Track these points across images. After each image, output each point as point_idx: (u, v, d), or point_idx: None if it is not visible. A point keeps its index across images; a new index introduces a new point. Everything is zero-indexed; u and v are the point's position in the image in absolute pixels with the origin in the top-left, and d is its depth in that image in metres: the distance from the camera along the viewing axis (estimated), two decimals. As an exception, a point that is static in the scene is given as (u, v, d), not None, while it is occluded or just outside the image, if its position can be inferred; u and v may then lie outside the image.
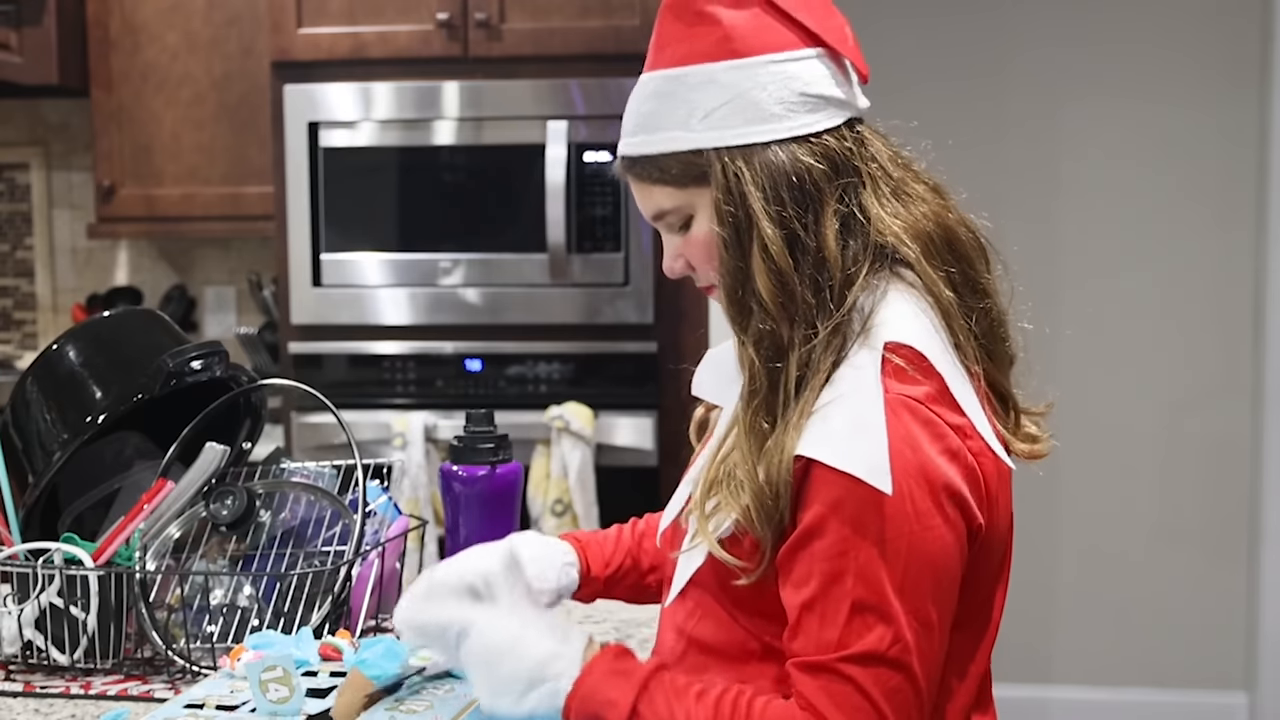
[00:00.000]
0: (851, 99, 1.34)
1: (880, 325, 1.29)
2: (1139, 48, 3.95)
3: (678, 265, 1.39)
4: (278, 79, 3.46)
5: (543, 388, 3.39)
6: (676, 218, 1.35)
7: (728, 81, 1.30)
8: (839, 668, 1.22)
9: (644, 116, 1.34)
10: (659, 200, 1.35)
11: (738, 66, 1.30)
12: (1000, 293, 1.38)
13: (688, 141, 1.31)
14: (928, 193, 1.37)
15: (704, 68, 1.31)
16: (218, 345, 1.74)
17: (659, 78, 1.33)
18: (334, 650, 1.42)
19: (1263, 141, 3.85)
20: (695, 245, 1.35)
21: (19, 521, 1.69)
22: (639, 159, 1.35)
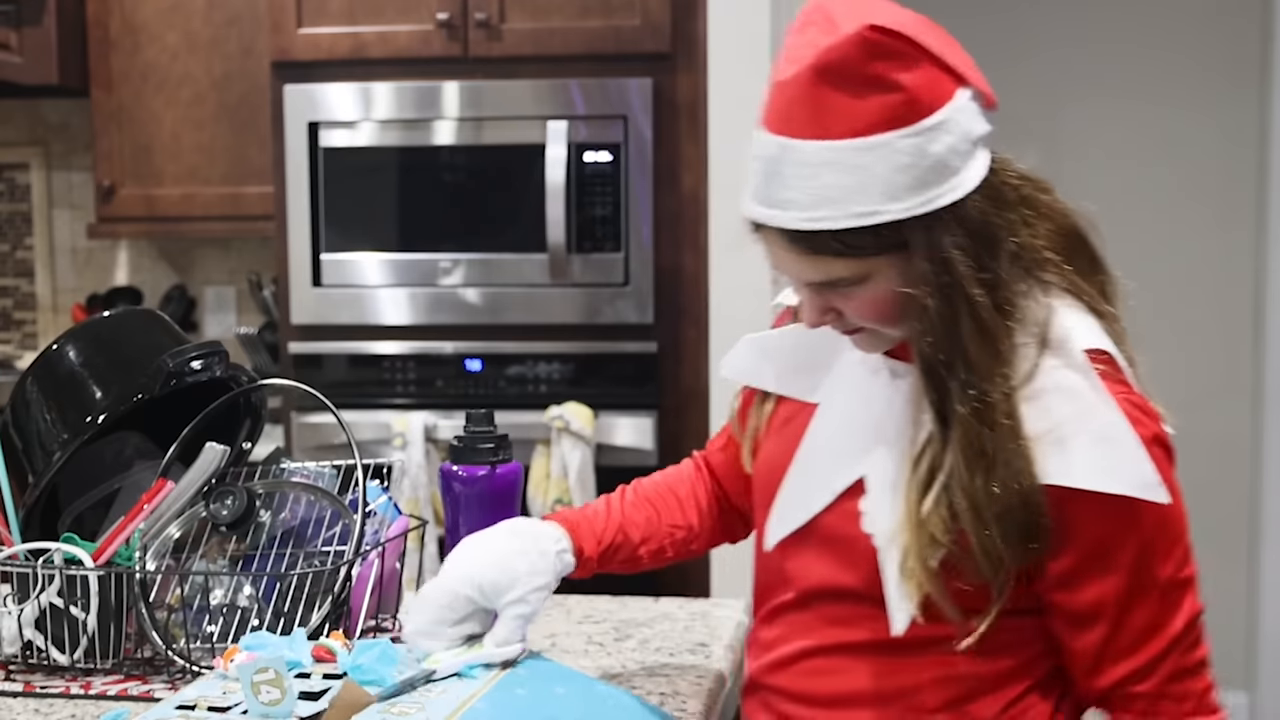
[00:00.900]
0: (991, 128, 1.32)
1: (1066, 337, 1.32)
2: (1139, 49, 3.95)
3: (827, 319, 1.38)
4: (278, 79, 3.46)
5: (543, 388, 3.39)
6: (848, 283, 1.32)
7: (911, 148, 1.26)
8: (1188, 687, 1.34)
9: (823, 190, 1.27)
10: (833, 270, 1.31)
11: (919, 130, 1.26)
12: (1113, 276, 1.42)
13: (884, 215, 1.26)
14: (1045, 195, 1.38)
15: (885, 137, 1.26)
16: (218, 345, 1.74)
17: (835, 149, 1.26)
18: (327, 652, 1.41)
19: (1263, 142, 3.85)
20: (866, 303, 1.33)
21: (19, 521, 1.69)
22: (818, 234, 1.28)
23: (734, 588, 3.25)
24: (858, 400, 1.44)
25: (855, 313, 1.35)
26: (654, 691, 1.56)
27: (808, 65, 1.28)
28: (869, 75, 1.25)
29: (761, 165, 1.32)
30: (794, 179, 1.28)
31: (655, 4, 3.31)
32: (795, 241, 1.31)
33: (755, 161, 1.34)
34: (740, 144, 3.53)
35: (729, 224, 3.29)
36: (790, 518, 1.48)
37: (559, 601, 1.92)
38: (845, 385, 1.47)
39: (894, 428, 1.39)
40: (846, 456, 1.44)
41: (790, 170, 1.29)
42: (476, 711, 1.29)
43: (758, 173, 1.33)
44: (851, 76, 1.26)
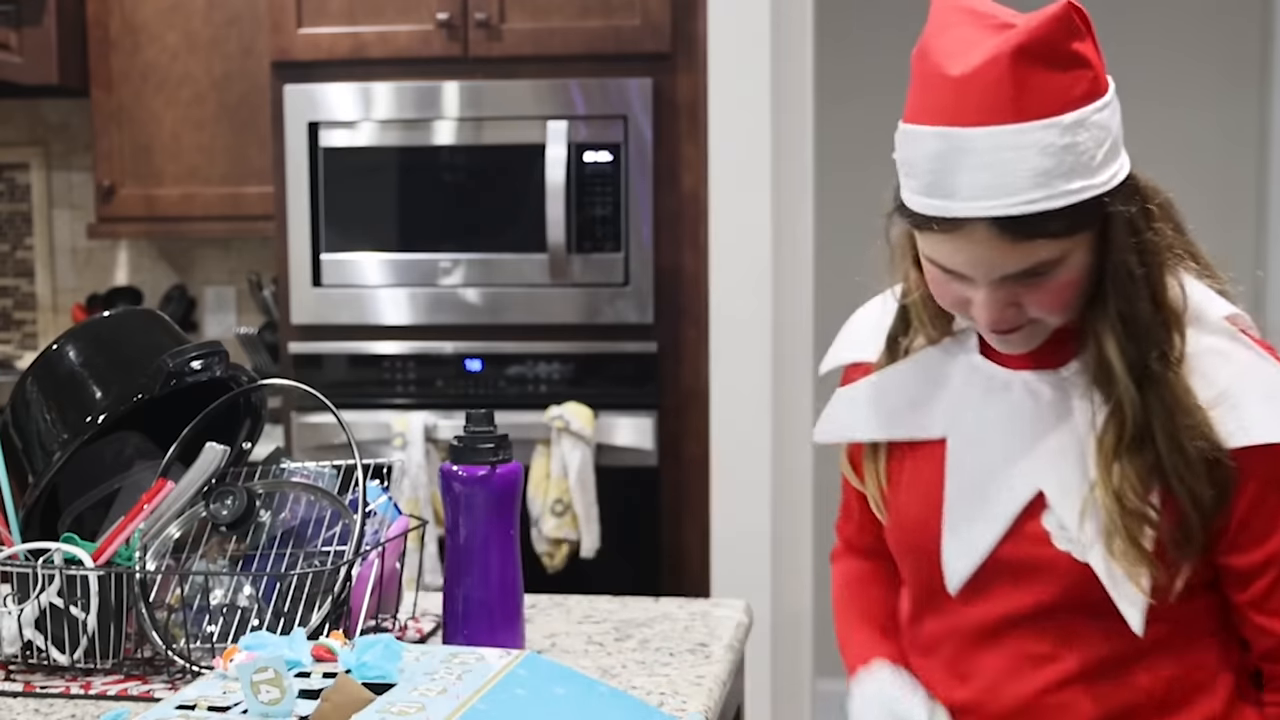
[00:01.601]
0: None
1: (1202, 308, 1.38)
2: (1139, 48, 3.95)
3: (1010, 314, 1.37)
4: (278, 79, 3.46)
5: (543, 388, 3.39)
6: (1050, 267, 1.33)
7: (1104, 121, 1.31)
8: None
9: (1038, 170, 1.28)
10: (1039, 254, 1.31)
11: (1107, 103, 1.33)
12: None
13: (1094, 189, 1.30)
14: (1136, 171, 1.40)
15: (1084, 112, 1.30)
16: (218, 345, 1.74)
17: (1037, 130, 1.28)
18: (327, 652, 1.41)
19: (1263, 141, 3.86)
20: (1056, 291, 1.34)
21: (19, 521, 1.69)
22: (1033, 217, 1.29)
23: (734, 588, 3.25)
24: (997, 421, 1.44)
25: (1041, 302, 1.35)
26: (654, 691, 1.56)
27: (1008, 49, 1.26)
28: (1069, 53, 1.28)
29: (940, 161, 1.31)
30: (1001, 165, 1.27)
31: (655, 4, 3.31)
32: (1006, 230, 1.29)
33: (924, 160, 1.33)
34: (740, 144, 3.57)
35: (729, 224, 3.29)
36: (969, 555, 1.46)
37: (559, 602, 1.92)
38: (970, 413, 1.47)
39: (1053, 436, 1.40)
40: (1010, 478, 1.43)
41: (993, 157, 1.28)
42: (476, 712, 1.29)
43: (934, 170, 1.32)
44: (1054, 55, 1.27)
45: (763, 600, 3.29)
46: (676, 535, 3.39)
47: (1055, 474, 1.40)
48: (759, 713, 3.35)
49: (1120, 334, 1.34)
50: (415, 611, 1.84)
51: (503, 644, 1.58)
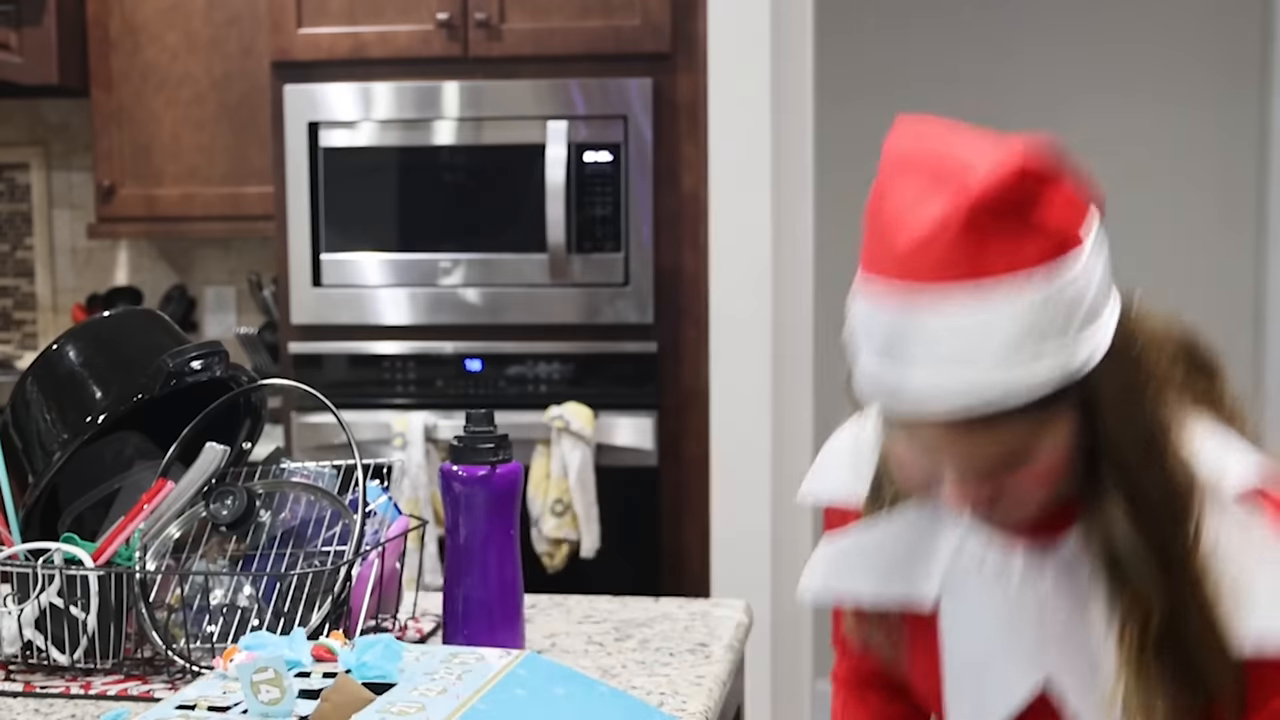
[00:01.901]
0: None
1: (1217, 483, 1.21)
2: (1139, 47, 3.95)
3: (983, 502, 1.20)
4: (278, 79, 3.46)
5: (543, 388, 3.39)
6: (1020, 456, 1.16)
7: (1079, 280, 1.12)
8: None
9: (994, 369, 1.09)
10: (1008, 441, 1.14)
11: (1078, 256, 1.12)
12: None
13: (1078, 358, 1.12)
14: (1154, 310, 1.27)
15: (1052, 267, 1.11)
16: (218, 345, 1.74)
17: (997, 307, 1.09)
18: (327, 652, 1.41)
19: (1263, 141, 3.86)
20: (1035, 476, 1.17)
21: (19, 521, 1.69)
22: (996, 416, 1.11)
23: (734, 588, 3.25)
24: (994, 603, 1.31)
25: (1022, 492, 1.19)
26: (654, 691, 1.56)
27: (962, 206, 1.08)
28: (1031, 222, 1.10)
29: (893, 332, 1.12)
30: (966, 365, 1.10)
31: (655, 4, 3.31)
32: (966, 430, 1.13)
33: (876, 329, 1.13)
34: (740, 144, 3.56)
35: (729, 224, 3.29)
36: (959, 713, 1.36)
37: (559, 602, 1.92)
38: (963, 590, 1.33)
39: (1060, 626, 1.27)
40: (1011, 660, 1.31)
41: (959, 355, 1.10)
42: (476, 712, 1.29)
43: (884, 343, 1.13)
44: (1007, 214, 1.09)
45: (763, 600, 3.30)
46: (676, 535, 3.39)
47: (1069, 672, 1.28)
48: (759, 713, 3.35)
49: (1130, 516, 1.19)
50: (415, 611, 1.84)
51: (503, 644, 1.58)
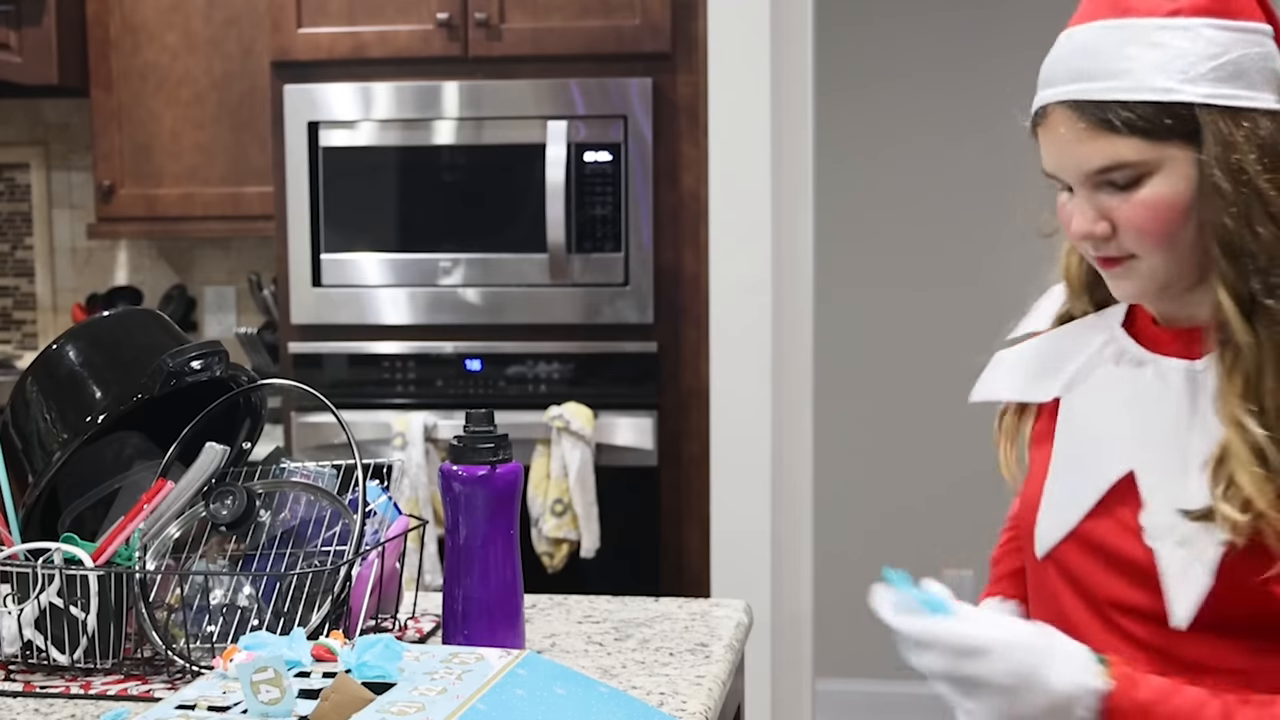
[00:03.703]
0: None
1: None
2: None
3: (1099, 228, 1.33)
4: (278, 79, 3.46)
5: (543, 388, 3.39)
6: (1129, 174, 1.29)
7: (1217, 39, 1.27)
8: None
9: (1114, 61, 1.27)
10: (1120, 151, 1.28)
11: (1226, 26, 1.28)
12: None
13: (1180, 93, 1.26)
14: None
15: (1193, 21, 1.27)
16: (218, 345, 1.74)
17: (1137, 24, 1.28)
18: (327, 652, 1.41)
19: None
20: (1146, 208, 1.30)
21: (19, 521, 1.69)
22: (1110, 104, 1.28)
23: (734, 588, 3.25)
24: (1118, 393, 1.39)
25: (1130, 220, 1.30)
26: (654, 691, 1.56)
27: None
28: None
29: (1053, 61, 1.33)
30: (1092, 55, 1.29)
31: (655, 4, 3.31)
32: (1084, 115, 1.29)
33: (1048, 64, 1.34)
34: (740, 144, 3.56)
35: (729, 224, 3.29)
36: (1060, 520, 1.42)
37: (559, 602, 1.92)
38: (1095, 380, 1.42)
39: (1169, 425, 1.34)
40: (1113, 446, 1.38)
41: (1089, 49, 1.29)
42: (476, 712, 1.29)
43: (1048, 69, 1.33)
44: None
45: (763, 600, 3.30)
46: (676, 535, 3.39)
47: (1155, 461, 1.34)
48: (759, 713, 3.35)
49: (1221, 263, 1.28)
50: (415, 611, 1.84)
51: (503, 644, 1.58)
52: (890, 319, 4.34)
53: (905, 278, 4.28)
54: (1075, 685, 1.27)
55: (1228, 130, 1.26)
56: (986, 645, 1.28)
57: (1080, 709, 1.27)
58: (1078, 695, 1.27)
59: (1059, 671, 1.27)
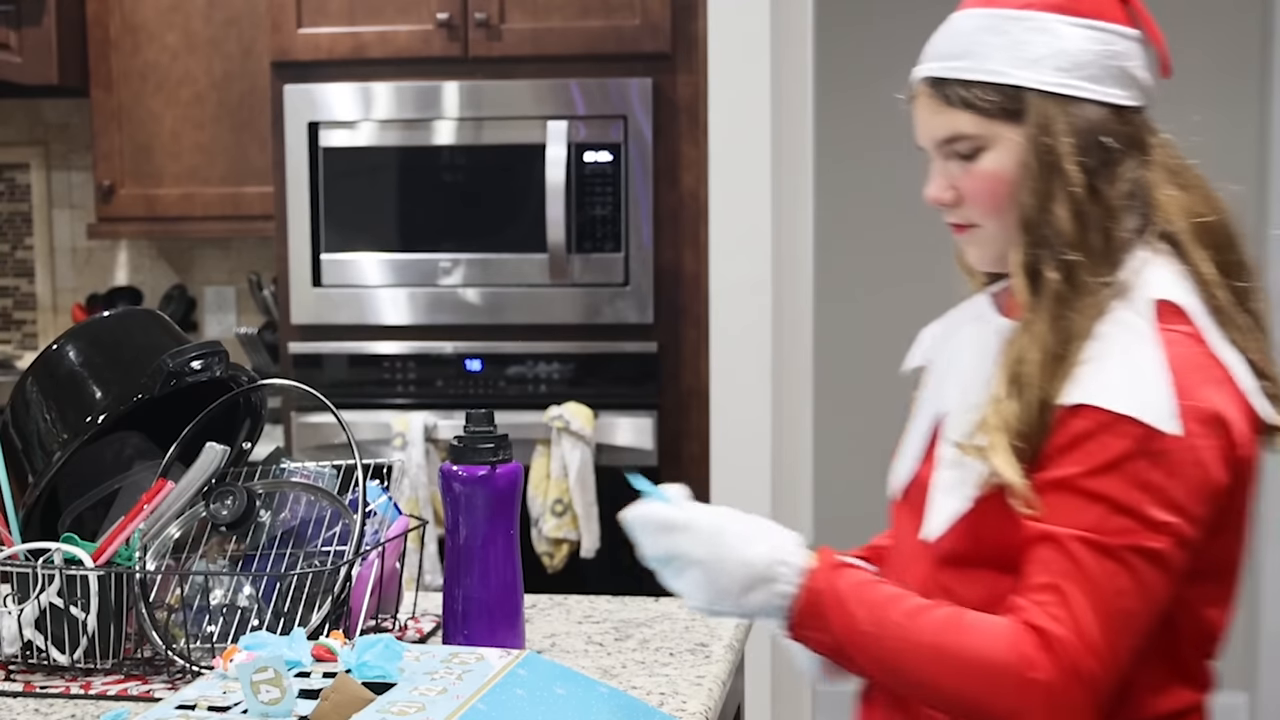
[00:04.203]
0: (1151, 89, 1.44)
1: (1144, 286, 1.37)
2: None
3: (946, 195, 1.44)
4: (278, 79, 3.46)
5: (543, 388, 3.39)
6: (967, 146, 1.41)
7: (1061, 33, 1.38)
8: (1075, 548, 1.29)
9: (968, 44, 1.40)
10: (959, 124, 1.40)
11: (1073, 23, 1.39)
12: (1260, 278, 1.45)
13: (1011, 77, 1.38)
14: (1201, 184, 1.46)
15: (1042, 15, 1.39)
16: (218, 345, 1.74)
17: (993, 14, 1.40)
18: (327, 652, 1.41)
19: (1263, 138, 3.86)
20: (979, 178, 1.41)
21: (19, 521, 1.69)
22: (953, 81, 1.41)
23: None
24: (965, 347, 1.49)
25: (968, 189, 1.42)
26: (654, 691, 1.57)
27: None
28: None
29: (929, 42, 1.46)
30: (953, 38, 1.42)
31: (655, 4, 3.31)
32: (934, 89, 1.42)
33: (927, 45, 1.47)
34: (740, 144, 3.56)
35: (729, 224, 3.29)
36: (904, 465, 1.53)
37: (559, 602, 1.92)
38: (958, 337, 1.52)
39: (981, 375, 1.41)
40: (942, 394, 1.49)
41: (953, 32, 1.43)
42: (476, 712, 1.29)
43: (925, 49, 1.46)
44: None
45: (763, 600, 3.29)
46: (676, 535, 3.39)
47: (960, 406, 1.43)
48: (759, 713, 3.35)
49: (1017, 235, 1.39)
50: (415, 611, 1.84)
51: (503, 644, 1.58)
52: (890, 319, 4.34)
53: (905, 277, 4.27)
54: (774, 560, 1.36)
55: (1050, 114, 1.37)
56: (688, 521, 1.38)
57: (781, 584, 1.36)
58: (777, 570, 1.36)
59: (758, 547, 1.37)
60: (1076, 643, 1.27)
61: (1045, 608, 1.28)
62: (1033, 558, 1.31)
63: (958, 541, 1.39)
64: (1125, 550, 1.28)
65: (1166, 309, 1.35)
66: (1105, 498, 1.29)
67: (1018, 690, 1.27)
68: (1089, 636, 1.27)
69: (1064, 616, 1.27)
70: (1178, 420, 1.29)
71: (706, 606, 1.38)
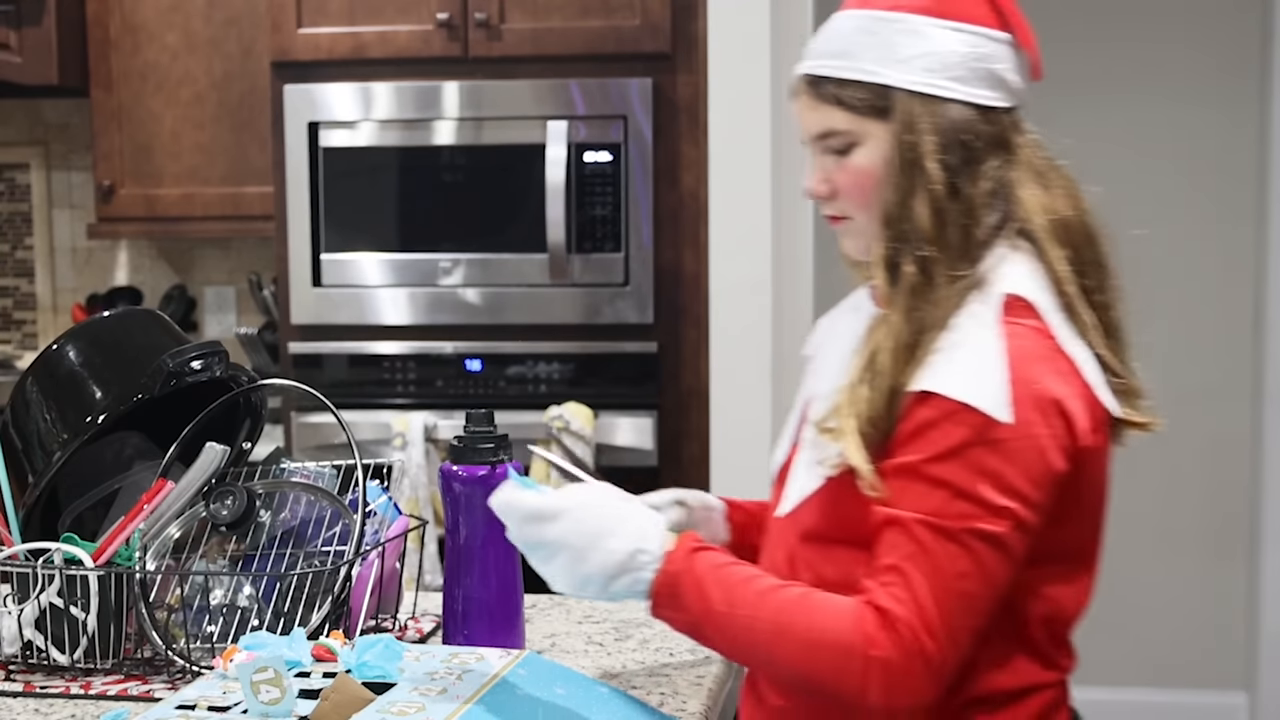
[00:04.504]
0: (1020, 90, 1.48)
1: (999, 280, 1.41)
2: (1139, 43, 3.95)
3: (822, 189, 1.49)
4: (278, 79, 3.46)
5: (543, 388, 3.39)
6: (840, 141, 1.46)
7: (930, 35, 1.43)
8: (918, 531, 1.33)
9: (843, 44, 1.45)
10: (832, 120, 1.45)
11: (942, 25, 1.43)
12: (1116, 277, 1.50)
13: (881, 76, 1.43)
14: (1065, 184, 1.50)
15: (913, 17, 1.43)
16: (218, 345, 1.74)
17: (867, 16, 1.45)
18: (327, 652, 1.41)
19: (1263, 137, 3.86)
20: (850, 172, 1.46)
21: (19, 521, 1.69)
22: (828, 79, 1.45)
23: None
24: (841, 334, 1.53)
25: (843, 184, 1.47)
26: (654, 691, 1.57)
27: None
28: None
29: (811, 41, 1.50)
30: (831, 38, 1.47)
31: (655, 4, 3.31)
32: (810, 86, 1.47)
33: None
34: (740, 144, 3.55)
35: (729, 224, 3.29)
36: (779, 449, 1.57)
37: (559, 602, 1.92)
38: (839, 326, 1.57)
39: (847, 362, 1.45)
40: (815, 380, 1.55)
41: (832, 32, 1.48)
42: (476, 712, 1.29)
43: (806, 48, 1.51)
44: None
45: (763, 600, 3.29)
46: (676, 535, 3.39)
47: (825, 391, 1.47)
48: (759, 713, 3.35)
49: (879, 229, 1.44)
50: (415, 611, 1.84)
51: (503, 644, 1.58)
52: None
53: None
54: (635, 549, 1.39)
55: (915, 113, 1.42)
56: (556, 510, 1.39)
57: (643, 571, 1.39)
58: (638, 559, 1.39)
59: (622, 534, 1.39)
60: (916, 622, 1.31)
61: (888, 589, 1.33)
62: (880, 540, 1.36)
63: (815, 519, 1.45)
64: (966, 534, 1.33)
65: (1016, 303, 1.39)
66: (947, 483, 1.33)
67: (859, 668, 1.32)
68: (929, 617, 1.31)
69: (905, 597, 1.32)
70: (1012, 409, 1.33)
71: (574, 592, 1.42)
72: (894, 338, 1.39)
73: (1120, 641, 4.04)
